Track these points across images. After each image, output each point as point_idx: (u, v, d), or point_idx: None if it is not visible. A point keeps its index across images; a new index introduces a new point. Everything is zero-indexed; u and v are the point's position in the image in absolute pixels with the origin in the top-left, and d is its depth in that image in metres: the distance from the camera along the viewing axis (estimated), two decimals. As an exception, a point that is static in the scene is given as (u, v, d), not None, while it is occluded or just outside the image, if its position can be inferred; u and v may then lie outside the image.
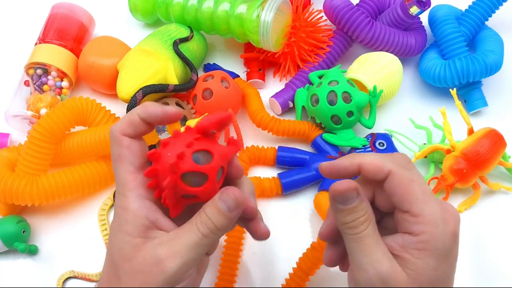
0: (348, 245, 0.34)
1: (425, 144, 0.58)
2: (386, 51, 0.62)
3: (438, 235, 0.31)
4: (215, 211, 0.33)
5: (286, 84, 0.63)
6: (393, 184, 0.33)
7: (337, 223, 0.34)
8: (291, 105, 0.61)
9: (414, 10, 0.60)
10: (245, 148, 0.58)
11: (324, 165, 0.36)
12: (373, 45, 0.62)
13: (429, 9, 0.64)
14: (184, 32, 0.63)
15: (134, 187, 0.33)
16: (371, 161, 0.33)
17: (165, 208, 0.35)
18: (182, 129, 0.53)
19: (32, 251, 0.52)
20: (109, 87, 0.60)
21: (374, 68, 0.58)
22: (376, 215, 0.35)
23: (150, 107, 0.35)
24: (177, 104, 0.57)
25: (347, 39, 0.64)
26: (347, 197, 0.33)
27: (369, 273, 0.32)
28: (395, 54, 0.62)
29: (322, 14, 0.63)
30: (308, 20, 0.62)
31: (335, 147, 0.57)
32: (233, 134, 0.59)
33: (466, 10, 0.65)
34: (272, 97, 0.62)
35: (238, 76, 0.64)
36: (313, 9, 0.63)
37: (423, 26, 0.66)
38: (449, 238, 0.32)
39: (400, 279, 0.31)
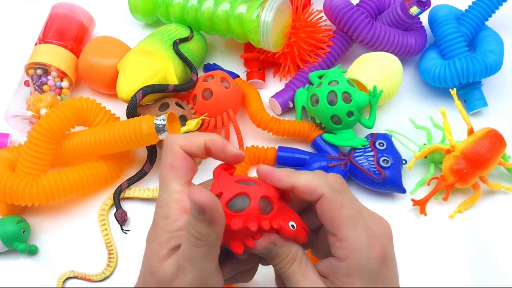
0: (283, 279, 0.35)
1: (425, 144, 0.58)
2: (386, 51, 0.62)
3: (363, 260, 0.32)
4: (193, 219, 0.31)
5: (286, 84, 0.63)
6: (324, 207, 0.33)
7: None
8: (291, 105, 0.61)
9: (414, 10, 0.60)
10: (245, 148, 0.58)
11: (262, 169, 0.35)
12: (373, 45, 0.62)
13: (429, 9, 0.64)
14: (184, 32, 0.63)
15: (180, 198, 0.34)
16: (305, 183, 0.34)
17: None
18: (183, 129, 0.54)
19: (32, 251, 0.52)
20: (109, 87, 0.60)
21: (374, 68, 0.58)
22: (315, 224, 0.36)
23: (219, 142, 0.36)
24: (177, 104, 0.57)
25: (347, 39, 0.64)
26: (267, 250, 0.34)
27: None
28: (395, 54, 0.62)
29: (322, 14, 0.63)
30: (308, 20, 0.62)
31: (335, 147, 0.57)
32: (233, 134, 0.59)
33: (466, 10, 0.65)
34: (272, 97, 0.62)
35: (238, 76, 0.64)
36: (313, 9, 0.63)
37: (423, 26, 0.66)
38: (374, 262, 0.33)
39: None
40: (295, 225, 0.33)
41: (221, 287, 0.34)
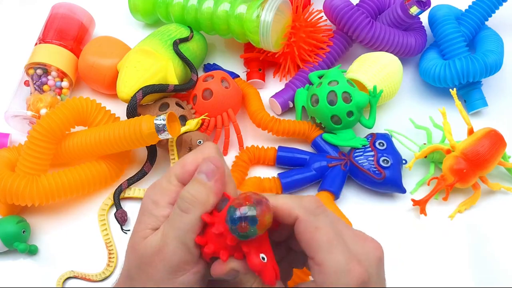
0: None
1: (425, 144, 0.58)
2: (386, 51, 0.62)
3: (340, 285, 0.31)
4: (194, 183, 0.32)
5: (286, 84, 0.63)
6: (300, 230, 0.32)
7: None
8: (291, 105, 0.61)
9: (414, 10, 0.60)
10: (245, 148, 0.58)
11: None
12: (373, 45, 0.62)
13: (429, 9, 0.64)
14: (184, 32, 0.63)
15: (175, 191, 0.33)
16: (281, 205, 0.33)
17: None
18: (183, 129, 0.54)
19: (32, 251, 0.52)
20: (109, 87, 0.60)
21: (374, 68, 0.58)
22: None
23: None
24: (177, 104, 0.57)
25: (347, 39, 0.64)
26: (229, 276, 0.33)
27: None
28: (395, 54, 0.62)
29: (322, 14, 0.63)
30: (308, 20, 0.62)
31: (335, 147, 0.57)
32: (233, 134, 0.59)
33: (466, 10, 0.65)
34: (272, 97, 0.62)
35: (238, 76, 0.64)
36: (313, 9, 0.63)
37: (423, 26, 0.66)
38: (353, 286, 0.31)
39: None
40: (265, 258, 0.32)
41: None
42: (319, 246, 0.31)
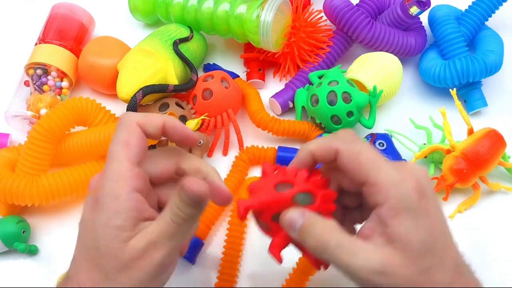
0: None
1: (425, 144, 0.58)
2: (386, 51, 0.62)
3: (402, 195, 0.31)
4: (182, 202, 0.33)
5: (286, 84, 0.63)
6: (343, 161, 0.33)
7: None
8: (291, 105, 0.61)
9: (414, 10, 0.60)
10: (245, 148, 0.58)
11: (293, 164, 0.37)
12: (373, 45, 0.62)
13: (429, 9, 0.64)
14: (184, 32, 0.63)
15: (130, 177, 0.33)
16: (317, 145, 0.35)
17: (149, 198, 0.35)
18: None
19: (32, 251, 0.52)
20: (109, 87, 0.60)
21: (374, 68, 0.58)
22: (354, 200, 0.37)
23: (178, 126, 0.36)
24: (177, 104, 0.57)
25: (347, 39, 0.64)
26: (290, 227, 0.34)
27: (363, 275, 0.31)
28: (395, 54, 0.62)
29: (322, 14, 0.63)
30: (308, 20, 0.62)
31: (335, 147, 0.57)
32: (233, 134, 0.59)
33: (466, 10, 0.65)
34: (272, 97, 0.62)
35: (238, 76, 0.64)
36: (313, 9, 0.63)
37: (423, 26, 0.66)
38: (413, 194, 0.31)
39: (393, 261, 0.31)
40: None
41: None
42: (367, 167, 0.32)
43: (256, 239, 0.53)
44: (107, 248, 0.32)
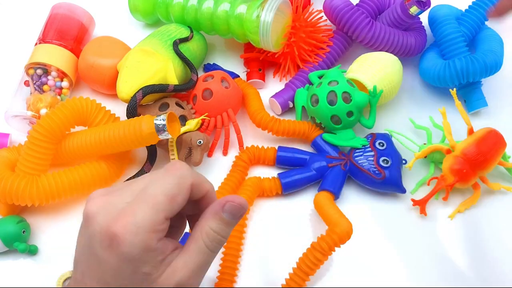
0: None
1: (425, 144, 0.58)
2: (386, 51, 0.62)
3: None
4: (221, 224, 0.34)
5: (286, 84, 0.63)
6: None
7: None
8: (291, 105, 0.61)
9: (414, 10, 0.60)
10: (245, 148, 0.58)
11: None
12: (373, 45, 0.62)
13: (429, 9, 0.64)
14: (184, 32, 0.63)
15: (163, 230, 0.32)
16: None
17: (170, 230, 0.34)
18: (183, 129, 0.54)
19: (32, 251, 0.52)
20: (109, 87, 0.60)
21: (374, 68, 0.58)
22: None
23: (213, 196, 0.36)
24: (177, 104, 0.57)
25: (347, 39, 0.64)
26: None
27: None
28: (395, 54, 0.62)
29: (322, 14, 0.63)
30: (308, 20, 0.62)
31: (335, 147, 0.57)
32: (233, 134, 0.59)
33: (466, 10, 0.65)
34: (272, 97, 0.62)
35: (238, 76, 0.64)
36: (313, 9, 0.63)
37: (423, 26, 0.66)
38: None
39: None
40: None
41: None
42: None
43: (256, 239, 0.53)
44: None
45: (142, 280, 0.32)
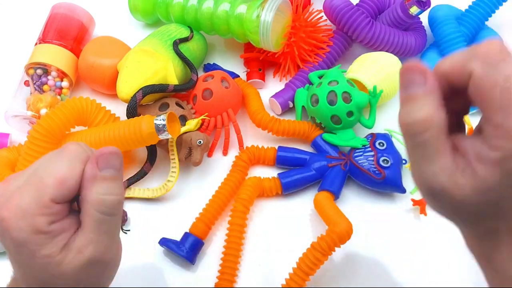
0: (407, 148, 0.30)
1: (425, 144, 0.58)
2: (386, 51, 0.62)
3: None
4: (107, 183, 0.31)
5: (286, 84, 0.63)
6: (474, 89, 0.28)
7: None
8: (291, 105, 0.61)
9: (414, 10, 0.60)
10: (245, 148, 0.58)
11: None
12: (373, 45, 0.62)
13: (429, 9, 0.64)
14: (184, 32, 0.63)
15: (51, 213, 0.31)
16: (449, 63, 0.29)
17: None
18: (183, 129, 0.54)
19: (32, 251, 0.52)
20: (109, 87, 0.60)
21: (374, 68, 0.58)
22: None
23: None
24: (177, 104, 0.57)
25: (347, 39, 0.64)
26: (408, 80, 0.29)
27: (424, 184, 0.29)
28: (395, 54, 0.61)
29: (322, 14, 0.63)
30: (308, 20, 0.62)
31: (335, 147, 0.57)
32: (233, 134, 0.59)
33: (466, 10, 0.65)
34: (272, 97, 0.62)
35: (238, 76, 0.64)
36: (313, 9, 0.63)
37: (423, 26, 0.66)
38: None
39: (457, 192, 0.28)
40: None
41: None
42: (498, 106, 0.27)
43: (256, 239, 0.53)
44: (44, 274, 0.31)
45: (46, 264, 0.31)
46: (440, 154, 0.29)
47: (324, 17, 0.64)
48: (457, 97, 0.31)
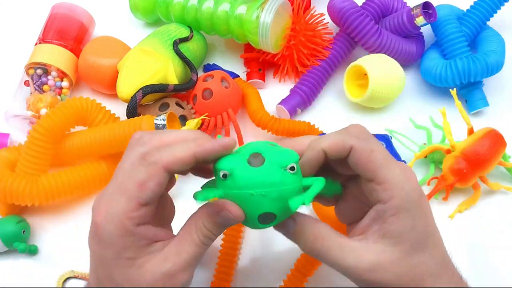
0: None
1: (425, 144, 0.58)
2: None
3: (406, 195, 0.33)
4: (214, 225, 0.34)
5: (292, 90, 0.62)
6: (356, 158, 0.34)
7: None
8: (299, 112, 0.61)
9: (420, 21, 0.60)
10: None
11: (304, 162, 0.36)
12: (377, 52, 0.62)
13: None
14: (184, 32, 0.63)
15: (138, 216, 0.32)
16: (330, 143, 0.34)
17: (157, 217, 0.35)
18: (183, 129, 0.54)
19: (32, 251, 0.52)
20: (109, 87, 0.60)
21: (383, 65, 0.59)
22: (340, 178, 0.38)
23: (207, 144, 0.33)
24: (177, 104, 0.57)
25: (350, 41, 0.64)
26: (282, 228, 0.36)
27: (356, 274, 0.33)
28: (397, 61, 0.61)
29: (323, 18, 0.63)
30: (309, 23, 0.62)
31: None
32: (233, 134, 0.59)
33: (467, 10, 0.65)
34: (279, 103, 0.61)
35: (238, 76, 0.64)
36: (315, 11, 0.62)
37: (422, 34, 0.66)
38: (415, 196, 0.33)
39: (385, 257, 0.33)
40: None
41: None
42: (377, 166, 0.33)
43: (254, 239, 0.53)
44: (125, 277, 0.33)
45: (128, 266, 0.32)
46: (349, 242, 0.35)
47: (325, 21, 0.63)
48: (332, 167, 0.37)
